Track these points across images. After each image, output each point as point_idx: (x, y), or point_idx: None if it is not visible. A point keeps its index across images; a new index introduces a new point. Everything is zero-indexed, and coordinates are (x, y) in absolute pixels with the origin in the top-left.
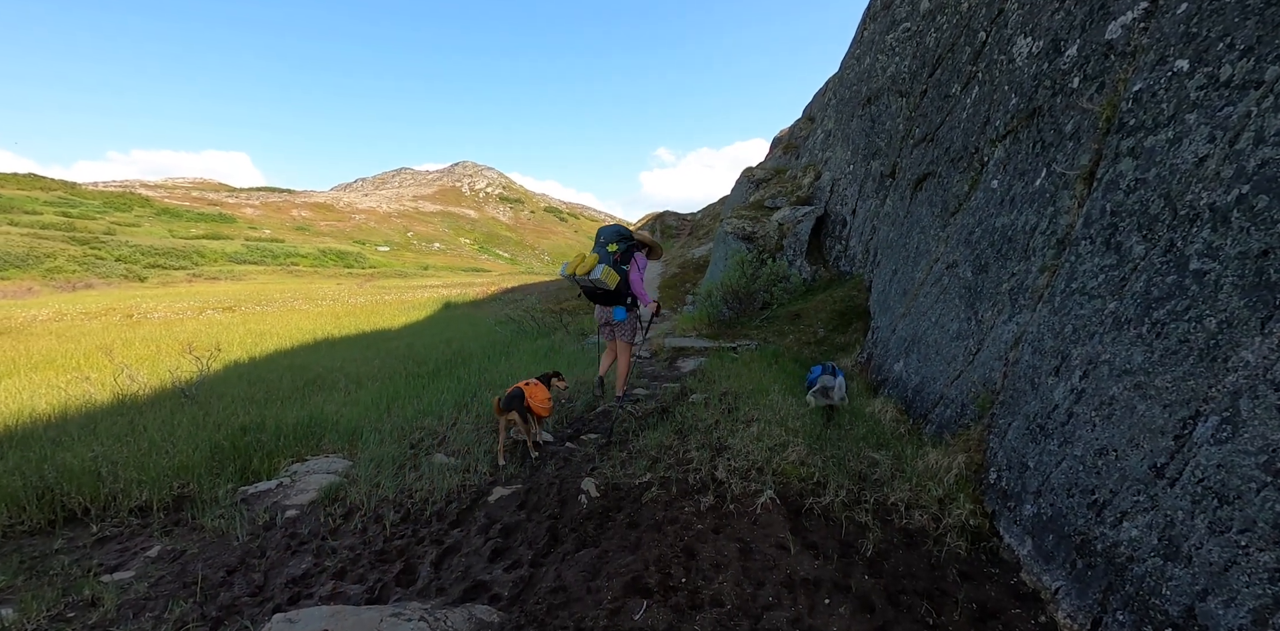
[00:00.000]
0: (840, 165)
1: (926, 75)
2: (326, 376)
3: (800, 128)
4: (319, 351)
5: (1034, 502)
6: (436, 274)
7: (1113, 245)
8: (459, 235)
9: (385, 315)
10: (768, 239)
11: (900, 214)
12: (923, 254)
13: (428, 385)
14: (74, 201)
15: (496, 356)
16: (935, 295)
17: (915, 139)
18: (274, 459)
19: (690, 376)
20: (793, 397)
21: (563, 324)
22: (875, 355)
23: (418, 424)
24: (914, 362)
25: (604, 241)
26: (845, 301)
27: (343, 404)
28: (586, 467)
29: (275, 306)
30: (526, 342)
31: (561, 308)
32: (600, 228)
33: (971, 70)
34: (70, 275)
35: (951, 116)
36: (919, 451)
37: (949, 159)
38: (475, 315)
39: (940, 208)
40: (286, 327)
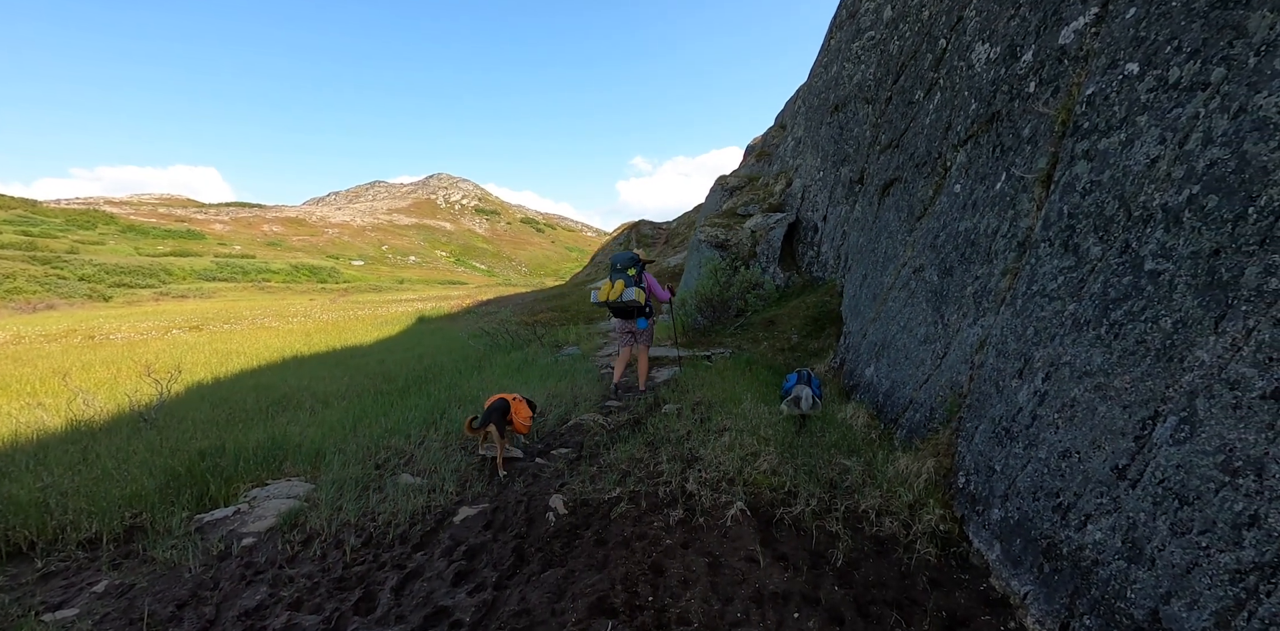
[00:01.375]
0: (811, 172)
1: (891, 82)
2: (293, 396)
3: (773, 135)
4: (287, 370)
5: (1001, 506)
6: (412, 287)
7: (1070, 247)
8: (435, 248)
9: (357, 331)
10: (741, 246)
11: (869, 219)
12: (891, 258)
13: (396, 403)
14: (35, 219)
15: (468, 371)
16: (903, 299)
17: (882, 145)
18: (233, 484)
19: (664, 386)
20: (765, 406)
21: (536, 336)
22: (848, 360)
23: (384, 443)
24: (884, 367)
25: (622, 268)
26: (818, 307)
27: (307, 425)
28: (556, 483)
29: (244, 324)
30: (500, 356)
31: (535, 320)
32: (613, 256)
33: (934, 77)
34: (30, 296)
35: (915, 122)
36: (890, 457)
37: (914, 164)
38: (449, 329)
39: (906, 212)
40: (254, 346)
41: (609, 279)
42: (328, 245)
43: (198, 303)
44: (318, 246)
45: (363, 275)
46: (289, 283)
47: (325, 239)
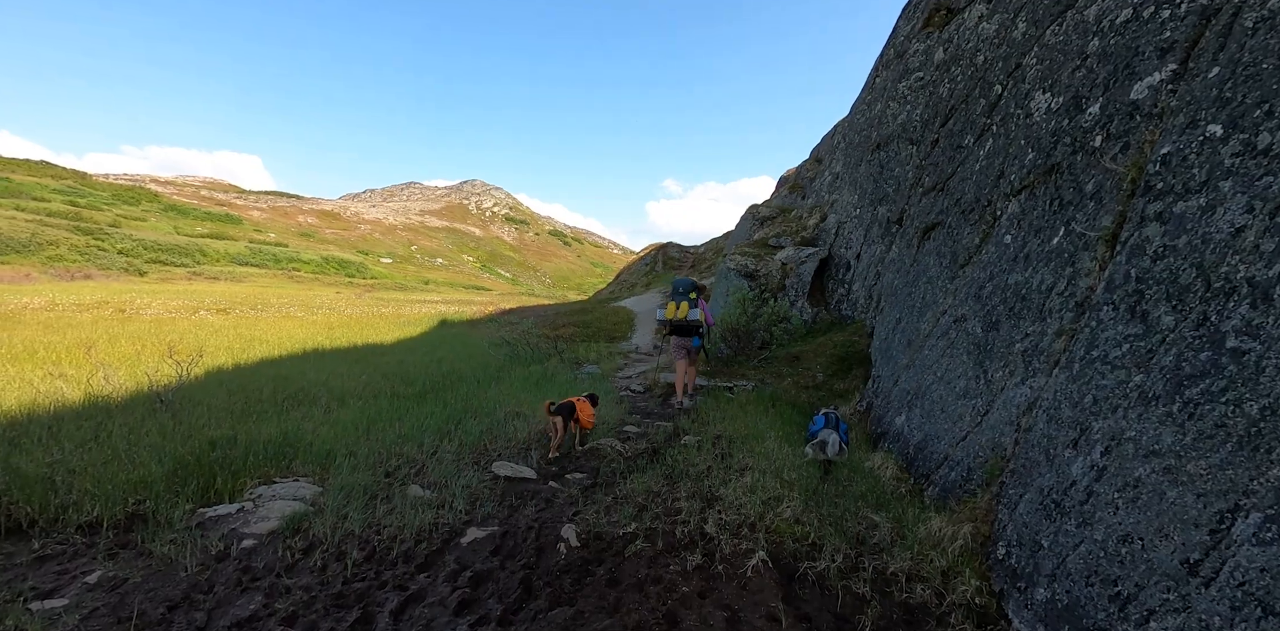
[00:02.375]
0: (847, 208)
1: (939, 125)
2: (309, 390)
3: (807, 168)
4: (306, 363)
5: (1048, 587)
6: (437, 289)
7: (1138, 314)
8: (462, 252)
9: (380, 329)
10: (770, 278)
11: (906, 262)
12: (929, 305)
13: (412, 408)
14: (83, 191)
15: (487, 381)
16: (942, 349)
17: (925, 187)
18: (240, 478)
19: (683, 415)
20: (789, 446)
21: (557, 350)
22: (876, 405)
23: (396, 450)
24: (917, 418)
25: (684, 291)
26: (846, 346)
27: (321, 422)
28: (568, 511)
29: (270, 312)
30: (519, 368)
31: (557, 334)
32: (676, 280)
33: (985, 122)
34: (70, 264)
35: (963, 167)
36: (921, 515)
37: (960, 210)
38: (470, 335)
39: (949, 259)
40: (278, 335)
41: (673, 301)
42: (359, 240)
43: (228, 285)
44: (349, 241)
45: (389, 273)
46: (318, 274)
47: (357, 234)
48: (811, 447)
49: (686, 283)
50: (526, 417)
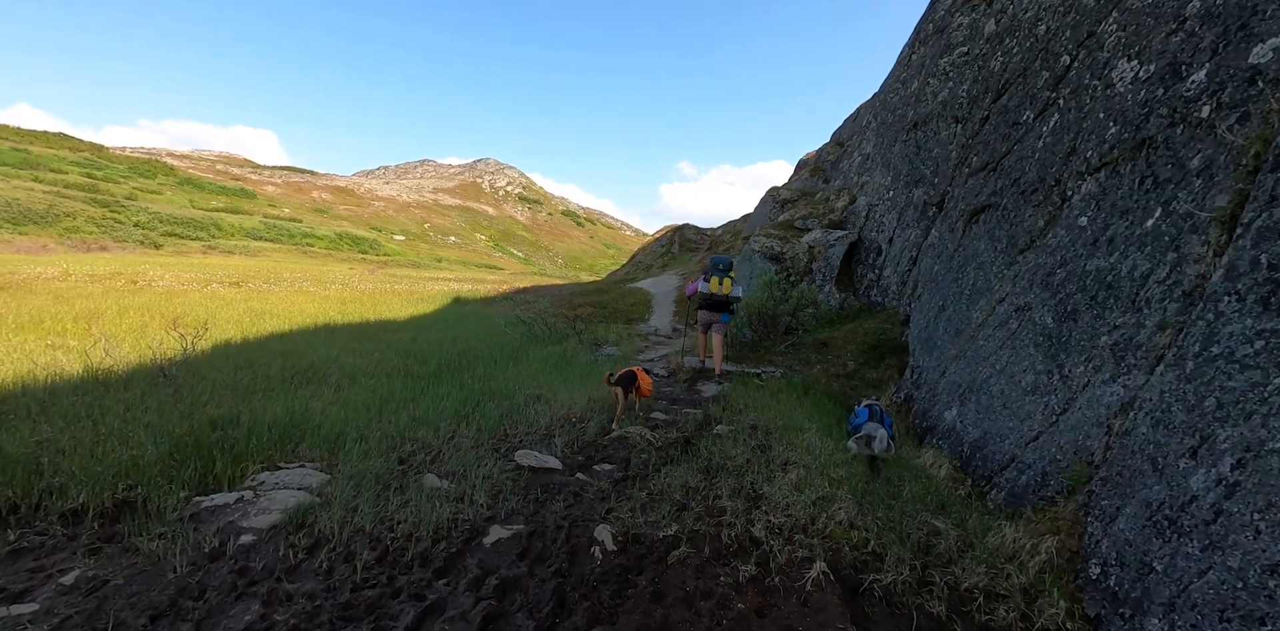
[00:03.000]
0: (878, 191)
1: (989, 100)
2: (319, 367)
3: (828, 152)
4: (317, 338)
5: (1164, 617)
6: (449, 267)
7: (1273, 306)
8: (475, 231)
9: (392, 305)
10: (796, 261)
11: (949, 246)
12: (981, 292)
13: (427, 388)
14: (100, 164)
15: (504, 361)
16: (1000, 340)
17: (972, 168)
18: (241, 463)
19: (712, 403)
20: (831, 440)
21: (575, 331)
22: (918, 398)
23: (410, 434)
24: (971, 413)
25: (724, 269)
26: (877, 334)
27: (330, 402)
28: (600, 508)
29: (283, 286)
30: (536, 348)
31: (576, 314)
32: (714, 258)
33: (1050, 96)
34: (87, 236)
35: (1021, 145)
36: (988, 523)
37: (1018, 191)
38: (485, 313)
39: (1005, 243)
40: (289, 309)
41: (715, 276)
42: (372, 217)
43: (242, 259)
44: (362, 218)
45: (402, 250)
46: (331, 250)
47: (370, 211)
48: (855, 442)
49: (726, 260)
50: (548, 401)
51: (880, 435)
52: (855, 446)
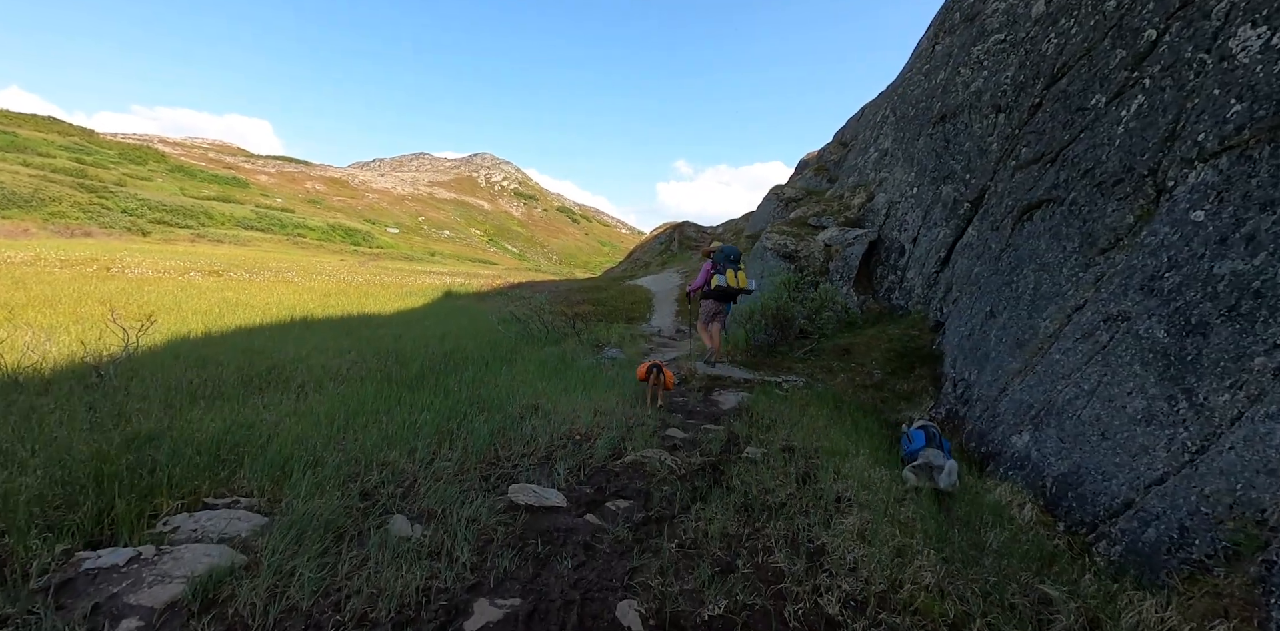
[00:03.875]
0: (900, 187)
1: (1042, 87)
2: (285, 368)
3: (830, 152)
4: (290, 333)
5: None
6: (443, 261)
7: None
8: (470, 225)
9: (379, 298)
10: (811, 260)
11: (993, 246)
12: (1048, 297)
13: (405, 396)
14: (89, 149)
15: (496, 363)
16: (1085, 354)
17: (1021, 160)
18: (154, 499)
19: (734, 417)
20: (884, 468)
21: (575, 331)
22: (969, 417)
23: (379, 457)
24: (1051, 440)
25: (735, 260)
26: (903, 341)
27: (288, 413)
28: (620, 568)
29: (265, 276)
30: (532, 349)
31: (575, 312)
32: (726, 248)
33: (1130, 77)
34: (72, 221)
35: (1092, 133)
36: (1107, 587)
37: (1091, 183)
38: (477, 309)
39: (1078, 242)
40: (265, 300)
41: (730, 268)
42: (366, 209)
43: (231, 249)
44: (356, 209)
45: (396, 243)
46: (323, 241)
47: (364, 203)
48: (914, 472)
49: (736, 251)
50: (547, 415)
51: (949, 467)
52: (914, 477)
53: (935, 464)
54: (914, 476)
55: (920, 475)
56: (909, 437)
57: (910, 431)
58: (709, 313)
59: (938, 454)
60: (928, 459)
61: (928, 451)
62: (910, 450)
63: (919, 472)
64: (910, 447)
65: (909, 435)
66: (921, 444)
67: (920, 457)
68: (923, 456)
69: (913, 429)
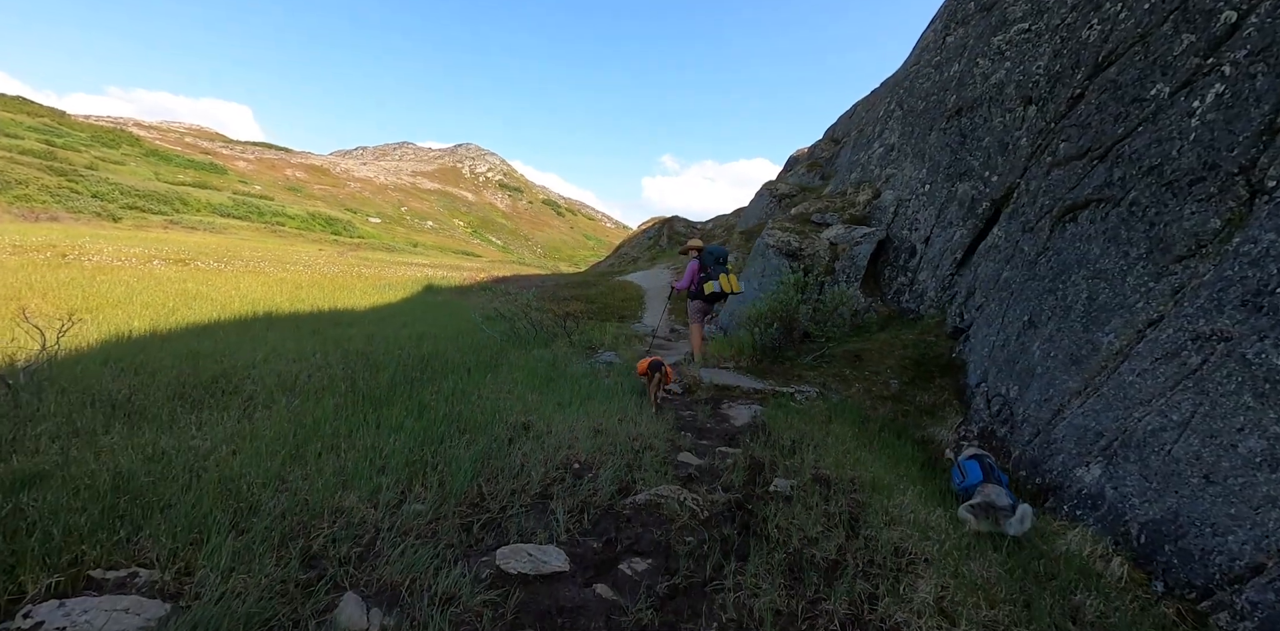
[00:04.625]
0: (909, 184)
1: (1083, 76)
2: (232, 377)
3: (822, 148)
4: (249, 332)
5: None
6: (425, 252)
7: None
8: (454, 216)
9: (355, 291)
10: (817, 259)
11: (1028, 249)
12: (1109, 309)
13: (372, 414)
14: (60, 131)
15: (479, 370)
16: (1170, 378)
17: (1059, 156)
18: (17, 576)
19: (750, 435)
20: (935, 504)
21: (565, 331)
22: (1013, 440)
23: (333, 502)
24: (1133, 478)
25: (724, 262)
26: (919, 347)
27: (225, 437)
28: None
29: (236, 265)
30: (519, 352)
31: (566, 311)
32: (713, 248)
33: (1202, 63)
34: (38, 205)
35: (1154, 125)
36: None
37: (1159, 182)
38: (458, 305)
39: (1144, 247)
40: (229, 292)
41: (722, 272)
42: (347, 198)
43: (205, 236)
44: (337, 198)
45: (377, 233)
46: (302, 230)
47: (346, 192)
48: (973, 512)
49: (724, 251)
50: (539, 437)
51: (1022, 512)
52: (973, 519)
53: (999, 504)
54: (973, 518)
55: (981, 517)
56: (961, 470)
57: (962, 463)
58: (698, 312)
59: (1000, 491)
60: (988, 497)
61: (987, 488)
62: (965, 485)
63: (979, 514)
64: (965, 483)
65: (961, 467)
66: (978, 478)
67: (978, 495)
68: (981, 494)
69: (964, 459)
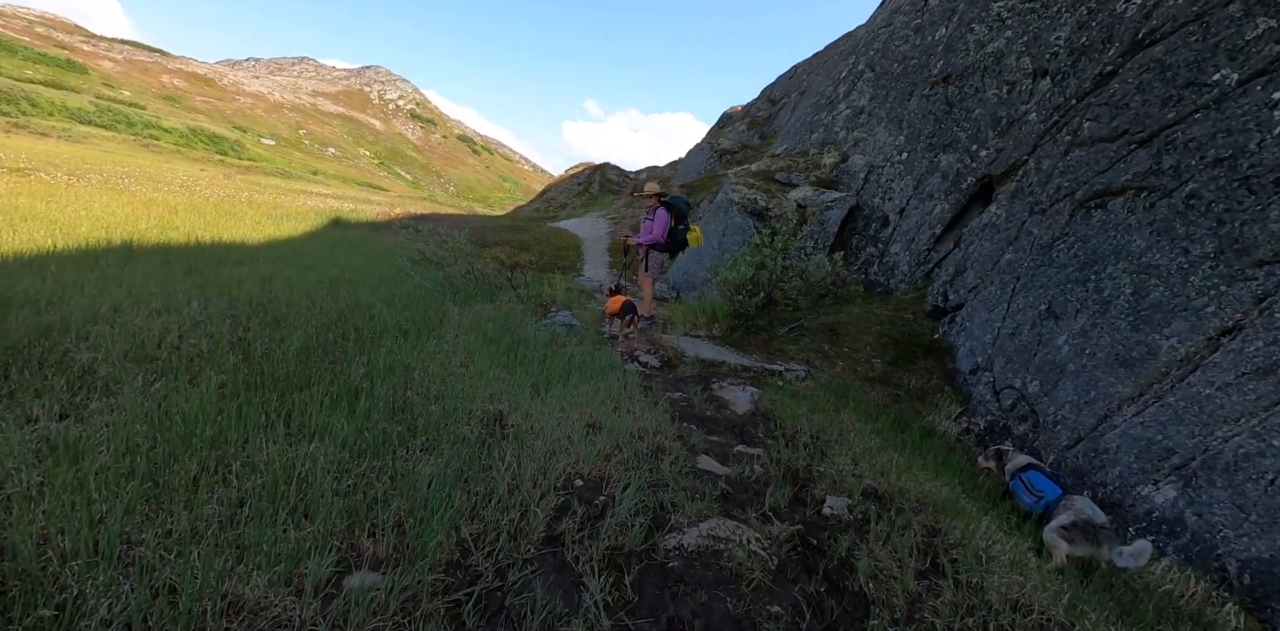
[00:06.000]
0: (884, 151)
1: (1117, 52)
2: (62, 337)
3: (759, 108)
4: (96, 268)
5: None
6: (326, 182)
7: None
8: (359, 145)
9: (246, 220)
10: (784, 220)
11: (1039, 233)
12: (1166, 309)
13: (280, 404)
14: None
15: (419, 331)
16: (1268, 398)
17: (1082, 135)
18: None
19: (758, 427)
20: (1006, 526)
21: (509, 283)
22: (1040, 443)
23: (221, 589)
24: (1223, 506)
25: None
26: (896, 325)
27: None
28: None
29: (92, 181)
30: (462, 309)
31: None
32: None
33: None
34: None
35: (1220, 114)
36: None
37: (1232, 177)
38: (374, 243)
39: (1211, 246)
40: (76, 213)
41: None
42: (236, 115)
43: (57, 145)
44: (224, 114)
45: (271, 157)
46: (181, 146)
47: (234, 107)
48: (1066, 535)
49: (688, 202)
50: (522, 438)
51: (1140, 547)
52: (1066, 544)
53: (1096, 521)
54: (1066, 543)
55: (1079, 541)
56: (1027, 485)
57: (1027, 477)
58: (659, 266)
59: (1090, 505)
60: (1082, 515)
61: (1074, 502)
62: (1041, 504)
63: (1075, 536)
64: (1035, 503)
65: (1026, 482)
66: (1057, 492)
67: (1064, 512)
68: (1070, 510)
69: (1025, 472)
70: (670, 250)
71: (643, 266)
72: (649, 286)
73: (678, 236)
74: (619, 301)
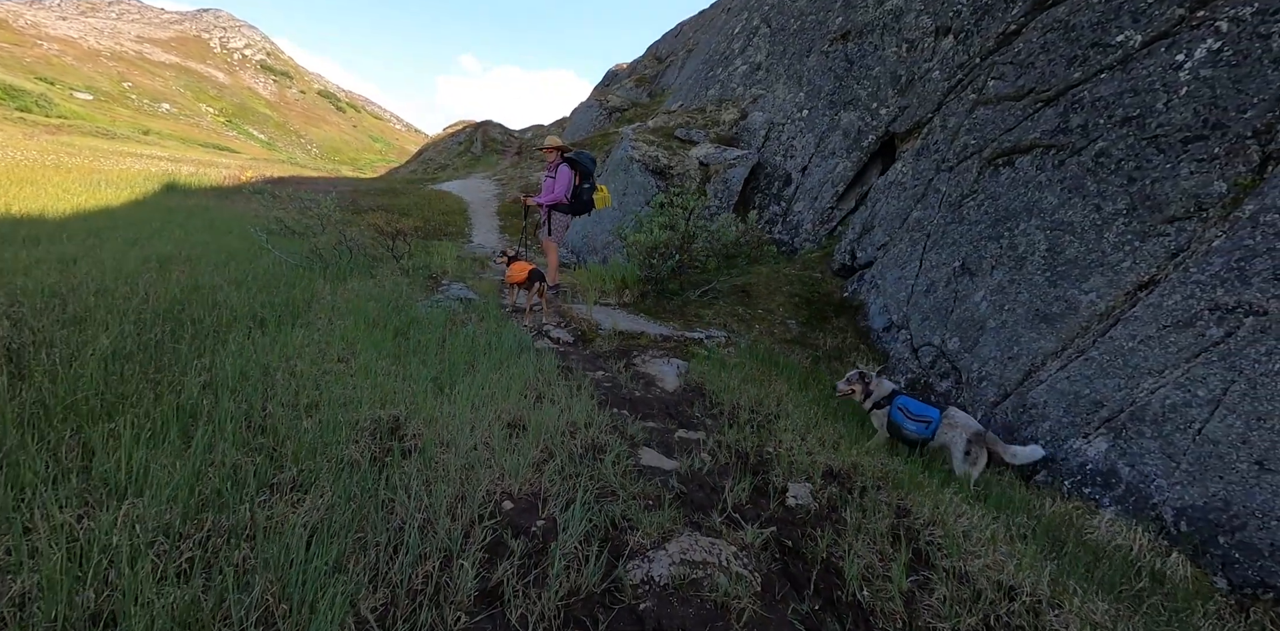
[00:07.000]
0: (784, 108)
1: (1020, 12)
2: None
3: (645, 65)
4: None
5: None
6: (161, 143)
7: None
8: (200, 100)
9: (49, 188)
10: (687, 178)
11: (948, 190)
12: (1082, 265)
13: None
14: None
15: (281, 316)
16: (1188, 348)
17: (987, 93)
18: None
19: (694, 405)
20: (961, 493)
21: (391, 253)
22: (966, 400)
23: None
24: (1155, 457)
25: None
26: (806, 284)
27: None
28: None
29: None
30: (333, 286)
31: (396, 228)
32: (581, 153)
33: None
34: None
35: (1125, 74)
36: None
37: (1141, 135)
38: (219, 211)
39: (1123, 203)
40: None
41: (598, 184)
42: (38, 63)
43: None
44: (23, 62)
45: (89, 114)
46: None
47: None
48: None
49: (594, 159)
50: (429, 456)
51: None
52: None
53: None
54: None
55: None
56: (907, 413)
57: (904, 404)
58: (564, 229)
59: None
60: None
61: (955, 418)
62: (932, 429)
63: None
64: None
65: (906, 410)
66: (936, 414)
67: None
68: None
69: (897, 399)
70: (574, 211)
71: (545, 229)
72: (554, 252)
73: (583, 197)
74: (524, 269)
